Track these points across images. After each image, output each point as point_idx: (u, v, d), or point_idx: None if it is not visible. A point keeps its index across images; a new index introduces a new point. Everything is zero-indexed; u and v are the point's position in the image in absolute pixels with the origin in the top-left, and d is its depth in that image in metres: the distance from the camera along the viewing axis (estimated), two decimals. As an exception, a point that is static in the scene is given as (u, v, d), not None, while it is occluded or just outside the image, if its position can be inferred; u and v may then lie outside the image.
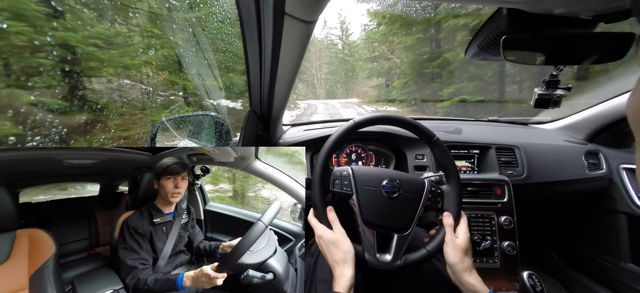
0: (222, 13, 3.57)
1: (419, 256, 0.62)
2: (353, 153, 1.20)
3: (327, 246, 0.61)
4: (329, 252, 0.60)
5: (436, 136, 0.70)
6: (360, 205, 0.63)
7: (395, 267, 0.60)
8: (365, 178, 0.66)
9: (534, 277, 0.86)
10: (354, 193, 0.64)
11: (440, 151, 0.70)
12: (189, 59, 3.29)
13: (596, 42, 0.49)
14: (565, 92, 0.62)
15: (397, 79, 15.06)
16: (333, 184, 0.66)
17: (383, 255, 0.61)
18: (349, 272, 0.56)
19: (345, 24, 32.93)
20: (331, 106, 18.91)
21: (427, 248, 0.63)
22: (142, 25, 3.30)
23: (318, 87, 34.12)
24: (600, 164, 1.21)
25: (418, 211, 0.64)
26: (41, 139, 1.80)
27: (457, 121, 1.46)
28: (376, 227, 0.63)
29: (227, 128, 1.04)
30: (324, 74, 34.79)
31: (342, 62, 32.87)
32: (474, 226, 0.97)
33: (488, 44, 0.56)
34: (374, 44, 20.60)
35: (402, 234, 0.62)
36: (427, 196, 0.65)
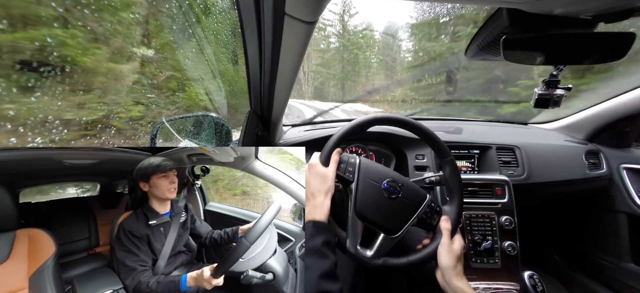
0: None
1: (400, 263, 0.63)
2: (353, 153, 1.20)
3: (315, 176, 0.63)
4: (314, 180, 0.62)
5: (451, 157, 0.70)
6: (357, 194, 0.64)
7: (372, 264, 0.61)
8: (370, 171, 0.66)
9: (534, 277, 0.86)
10: (355, 181, 0.65)
11: (451, 170, 0.70)
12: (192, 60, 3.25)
13: (596, 42, 0.49)
14: (565, 92, 0.62)
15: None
16: (338, 167, 0.67)
17: (364, 250, 0.62)
18: (327, 203, 0.60)
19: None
20: (328, 114, 13.27)
21: (410, 258, 0.63)
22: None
23: (304, 83, 22.08)
24: (601, 164, 1.21)
25: (411, 219, 0.64)
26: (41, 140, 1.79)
27: (457, 121, 1.45)
28: (366, 221, 0.63)
29: (227, 128, 1.04)
30: (313, 65, 23.02)
31: (339, 52, 22.71)
32: (475, 226, 0.97)
33: (488, 44, 0.56)
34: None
35: (389, 236, 0.63)
36: (425, 209, 0.65)
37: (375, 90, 17.30)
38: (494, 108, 4.50)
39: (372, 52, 22.96)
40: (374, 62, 22.57)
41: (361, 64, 22.16)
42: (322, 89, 22.49)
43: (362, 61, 22.15)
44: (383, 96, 13.53)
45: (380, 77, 21.33)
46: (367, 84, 21.16)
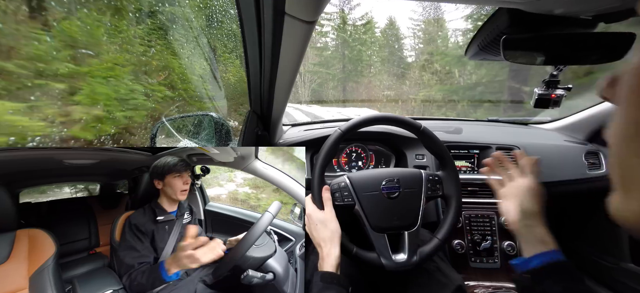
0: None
1: (433, 246, 0.63)
2: (353, 153, 1.20)
3: (315, 225, 0.61)
4: (316, 231, 0.60)
5: (422, 126, 0.70)
6: (365, 212, 0.63)
7: (412, 263, 0.61)
8: (364, 183, 0.66)
9: (534, 277, 0.85)
10: (356, 202, 0.64)
11: (428, 139, 0.70)
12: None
13: (596, 42, 0.49)
14: (565, 92, 0.62)
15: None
16: (334, 197, 0.65)
17: (397, 255, 0.62)
18: (336, 251, 0.57)
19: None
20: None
21: (438, 236, 0.64)
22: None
23: (300, 86, 18.02)
24: (601, 164, 1.21)
25: (421, 204, 0.64)
26: (41, 139, 1.80)
27: (457, 121, 1.45)
28: (385, 230, 0.63)
29: (227, 128, 1.04)
30: (310, 65, 19.07)
31: (339, 48, 19.16)
32: (474, 226, 0.97)
33: (488, 44, 0.56)
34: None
35: (411, 231, 0.63)
36: (427, 186, 0.66)
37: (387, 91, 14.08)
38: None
39: (377, 48, 19.09)
40: (379, 59, 18.94)
41: (365, 63, 18.93)
42: (320, 92, 19.03)
43: (366, 58, 18.82)
44: (397, 96, 11.88)
45: (389, 76, 18.29)
46: (372, 86, 17.94)
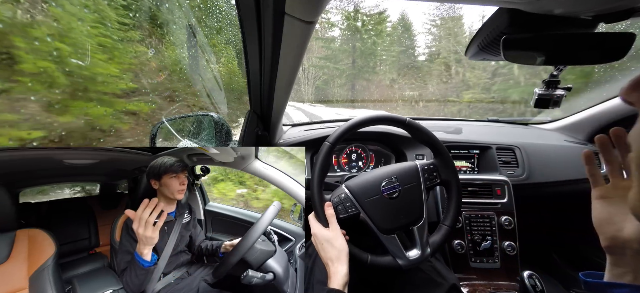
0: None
1: (443, 234, 0.65)
2: (353, 153, 1.20)
3: (322, 244, 0.60)
4: (323, 250, 0.60)
5: (407, 119, 0.70)
6: (371, 218, 0.64)
7: (427, 256, 0.62)
8: (364, 189, 0.66)
9: (534, 277, 0.85)
10: (361, 210, 0.64)
11: (415, 130, 0.70)
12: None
13: (596, 42, 0.49)
14: (565, 92, 0.62)
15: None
16: (337, 211, 0.65)
17: (411, 252, 0.63)
18: (343, 269, 0.57)
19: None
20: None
21: (446, 223, 0.65)
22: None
23: (303, 83, 15.82)
24: (601, 164, 1.21)
25: (423, 196, 0.65)
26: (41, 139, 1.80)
27: (457, 121, 1.45)
28: (394, 230, 0.63)
29: (227, 128, 1.04)
30: (315, 59, 16.50)
31: (350, 40, 16.13)
32: (474, 226, 0.97)
33: (488, 44, 0.56)
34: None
35: (419, 225, 0.64)
36: (424, 176, 0.67)
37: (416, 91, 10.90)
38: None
39: (396, 38, 15.94)
40: (395, 54, 15.60)
41: (378, 58, 16.03)
42: (325, 90, 16.48)
43: (380, 53, 15.87)
44: (421, 96, 9.37)
45: (412, 72, 15.10)
46: (384, 85, 15.12)
